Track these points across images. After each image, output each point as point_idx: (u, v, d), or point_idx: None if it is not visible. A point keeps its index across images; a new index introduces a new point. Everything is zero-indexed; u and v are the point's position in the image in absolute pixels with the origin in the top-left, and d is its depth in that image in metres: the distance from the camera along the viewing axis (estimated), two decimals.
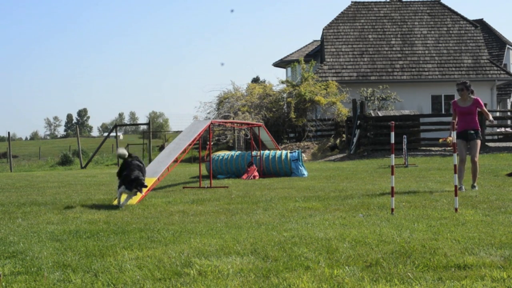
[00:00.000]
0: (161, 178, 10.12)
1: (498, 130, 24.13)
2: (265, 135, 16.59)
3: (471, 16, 35.76)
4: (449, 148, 19.05)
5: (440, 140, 10.56)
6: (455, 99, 10.01)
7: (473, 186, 9.60)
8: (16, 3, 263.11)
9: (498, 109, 32.30)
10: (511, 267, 3.95)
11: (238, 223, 6.30)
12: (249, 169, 14.45)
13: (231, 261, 4.32)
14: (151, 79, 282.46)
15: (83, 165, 26.61)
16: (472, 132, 9.69)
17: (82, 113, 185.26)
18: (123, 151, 9.00)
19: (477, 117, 9.83)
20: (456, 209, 6.80)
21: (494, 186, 9.82)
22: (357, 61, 29.73)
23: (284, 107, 27.64)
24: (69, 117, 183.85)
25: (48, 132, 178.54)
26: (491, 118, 9.85)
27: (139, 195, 9.01)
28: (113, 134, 35.26)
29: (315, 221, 6.27)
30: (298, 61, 29.68)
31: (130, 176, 8.24)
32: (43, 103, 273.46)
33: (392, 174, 7.11)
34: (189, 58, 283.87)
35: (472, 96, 9.84)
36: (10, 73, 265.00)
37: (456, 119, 9.81)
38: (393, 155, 7.14)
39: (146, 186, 8.37)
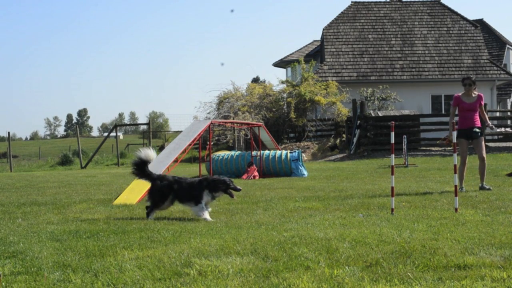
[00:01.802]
0: None
1: (498, 130, 24.14)
2: (265, 135, 16.60)
3: (471, 16, 35.78)
4: (449, 148, 18.71)
5: (438, 142, 10.09)
6: (458, 94, 9.59)
7: (483, 187, 9.32)
8: (16, 3, 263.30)
9: (498, 109, 32.30)
10: (511, 267, 3.95)
11: (238, 223, 6.29)
12: (249, 169, 14.45)
13: (231, 261, 4.32)
14: (151, 79, 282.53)
15: (83, 165, 26.61)
16: (478, 130, 9.40)
17: (82, 113, 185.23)
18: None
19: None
20: (456, 209, 6.80)
21: (494, 186, 9.81)
22: (357, 61, 29.73)
23: (284, 107, 27.64)
24: (69, 117, 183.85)
25: (48, 132, 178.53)
26: (489, 122, 9.57)
27: (138, 195, 9.02)
28: (113, 134, 35.28)
29: (315, 221, 6.27)
30: (298, 61, 29.68)
31: (217, 179, 6.80)
32: (43, 103, 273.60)
33: (392, 174, 7.11)
34: (189, 58, 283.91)
35: (476, 92, 9.56)
36: (10, 73, 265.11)
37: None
38: (393, 155, 7.14)
39: (239, 190, 6.97)
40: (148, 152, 6.89)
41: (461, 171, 9.43)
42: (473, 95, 9.48)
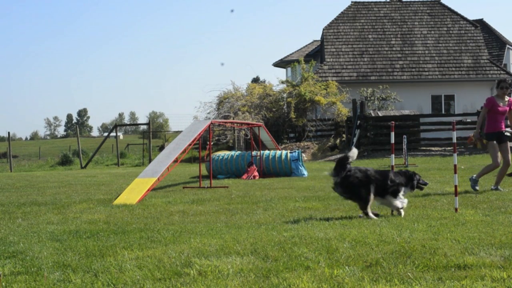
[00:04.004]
0: (161, 178, 10.13)
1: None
2: (265, 135, 16.60)
3: (471, 16, 35.76)
4: (470, 146, 17.68)
5: (468, 141, 9.76)
6: (492, 96, 9.46)
7: (498, 188, 9.23)
8: (16, 3, 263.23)
9: None
10: (511, 267, 3.95)
11: (238, 223, 6.30)
12: (249, 169, 14.45)
13: (231, 261, 4.32)
14: (151, 79, 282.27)
15: (83, 165, 26.60)
16: (507, 134, 9.34)
17: (82, 113, 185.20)
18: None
19: None
20: (456, 209, 6.80)
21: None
22: (357, 61, 29.73)
23: (284, 107, 27.65)
24: (69, 117, 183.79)
25: (48, 132, 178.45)
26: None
27: (138, 195, 9.02)
28: (113, 134, 35.28)
29: (315, 221, 6.27)
30: (298, 61, 29.68)
31: (410, 174, 6.71)
32: (43, 103, 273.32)
33: None
34: (189, 58, 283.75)
35: (507, 97, 9.44)
36: (10, 73, 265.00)
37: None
38: (393, 155, 7.14)
39: (427, 184, 7.00)
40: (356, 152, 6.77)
41: (501, 173, 9.29)
42: (505, 99, 9.40)
